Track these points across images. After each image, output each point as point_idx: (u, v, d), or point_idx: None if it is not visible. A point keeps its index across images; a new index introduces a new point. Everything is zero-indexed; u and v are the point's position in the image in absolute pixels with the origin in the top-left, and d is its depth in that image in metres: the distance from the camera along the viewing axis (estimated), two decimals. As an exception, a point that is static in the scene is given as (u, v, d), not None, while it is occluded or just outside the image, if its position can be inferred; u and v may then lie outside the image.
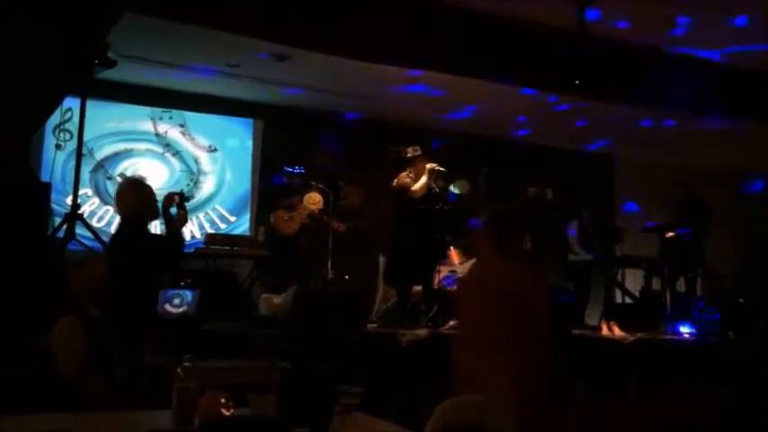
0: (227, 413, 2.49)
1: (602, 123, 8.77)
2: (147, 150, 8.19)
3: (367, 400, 2.93)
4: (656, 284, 7.75)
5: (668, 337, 6.77)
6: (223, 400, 2.53)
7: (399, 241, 6.49)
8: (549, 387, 3.29)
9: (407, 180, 6.42)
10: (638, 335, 6.55)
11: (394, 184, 6.49)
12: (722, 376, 6.45)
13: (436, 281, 6.68)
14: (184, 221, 4.49)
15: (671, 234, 7.52)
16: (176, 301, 4.99)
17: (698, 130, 8.65)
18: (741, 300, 7.49)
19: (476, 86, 7.37)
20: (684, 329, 6.90)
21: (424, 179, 6.34)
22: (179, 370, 2.52)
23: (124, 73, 6.95)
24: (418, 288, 6.60)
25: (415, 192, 6.33)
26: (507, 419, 2.89)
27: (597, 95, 7.29)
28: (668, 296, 7.17)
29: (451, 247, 7.23)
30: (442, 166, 6.47)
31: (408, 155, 6.49)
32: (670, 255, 7.50)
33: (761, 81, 7.81)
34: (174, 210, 4.43)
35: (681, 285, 7.89)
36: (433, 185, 6.47)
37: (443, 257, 6.93)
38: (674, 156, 9.67)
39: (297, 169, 7.28)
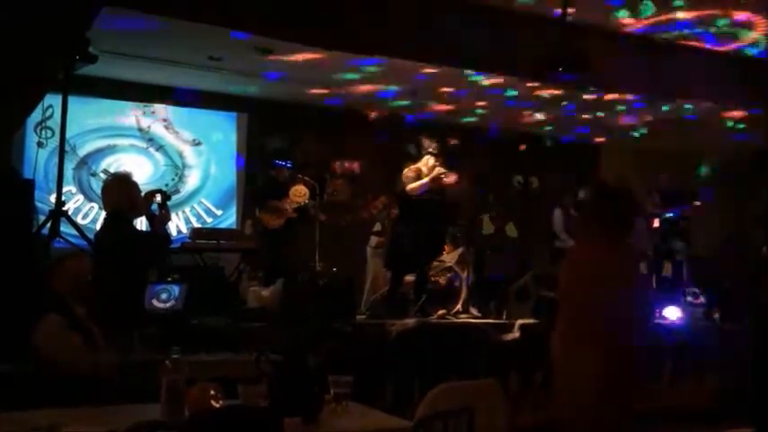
0: (217, 405, 2.49)
1: (587, 110, 8.80)
2: (131, 146, 8.14)
3: (358, 390, 2.94)
4: (642, 269, 7.82)
5: (655, 321, 6.83)
6: (212, 392, 2.53)
7: (400, 232, 6.51)
8: (638, 379, 3.10)
9: (410, 175, 6.42)
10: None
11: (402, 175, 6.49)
12: (709, 359, 6.53)
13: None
14: (167, 219, 4.47)
15: (656, 219, 7.59)
16: (163, 296, 4.96)
17: (682, 115, 8.70)
18: (727, 283, 7.56)
19: (458, 75, 7.38)
20: (671, 313, 6.96)
21: (425, 180, 6.34)
22: (167, 362, 2.51)
23: (105, 68, 6.89)
24: (409, 278, 6.62)
25: (411, 190, 6.37)
26: (498, 404, 2.91)
27: (581, 83, 7.30)
28: (654, 280, 7.23)
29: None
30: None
31: (427, 148, 6.48)
32: (655, 239, 7.57)
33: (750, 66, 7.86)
34: (155, 207, 4.40)
35: (667, 269, 7.96)
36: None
37: (442, 251, 6.89)
38: (659, 141, 9.72)
39: (286, 163, 7.25)
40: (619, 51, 7.27)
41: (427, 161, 6.44)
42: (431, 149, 6.48)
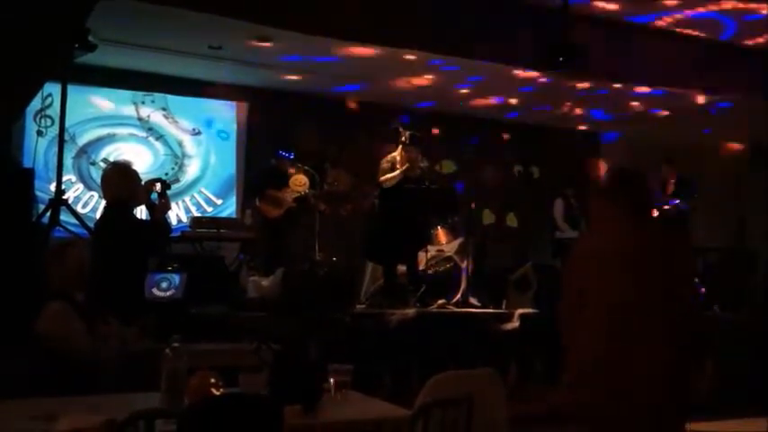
0: (217, 393, 2.49)
1: (587, 100, 8.77)
2: (130, 135, 8.12)
3: (357, 379, 2.95)
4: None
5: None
6: (213, 381, 2.54)
7: (379, 221, 6.51)
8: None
9: (385, 166, 6.46)
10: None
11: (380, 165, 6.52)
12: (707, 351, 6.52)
13: (423, 261, 6.69)
14: (167, 208, 4.46)
15: (654, 210, 7.58)
16: (164, 284, 4.97)
17: (682, 106, 8.68)
18: (726, 274, 7.57)
19: (461, 65, 7.35)
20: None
21: (396, 173, 6.38)
22: (167, 351, 2.52)
23: (105, 57, 6.87)
24: (404, 269, 6.62)
25: (383, 182, 6.40)
26: (497, 393, 2.91)
27: (582, 73, 7.28)
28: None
29: (438, 227, 7.24)
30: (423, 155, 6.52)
31: (401, 138, 6.50)
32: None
33: (748, 56, 7.84)
34: (155, 196, 4.40)
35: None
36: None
37: (427, 241, 6.87)
38: (659, 132, 9.70)
39: (289, 155, 7.23)
40: (618, 41, 7.26)
41: (401, 151, 6.47)
42: (403, 138, 6.50)
